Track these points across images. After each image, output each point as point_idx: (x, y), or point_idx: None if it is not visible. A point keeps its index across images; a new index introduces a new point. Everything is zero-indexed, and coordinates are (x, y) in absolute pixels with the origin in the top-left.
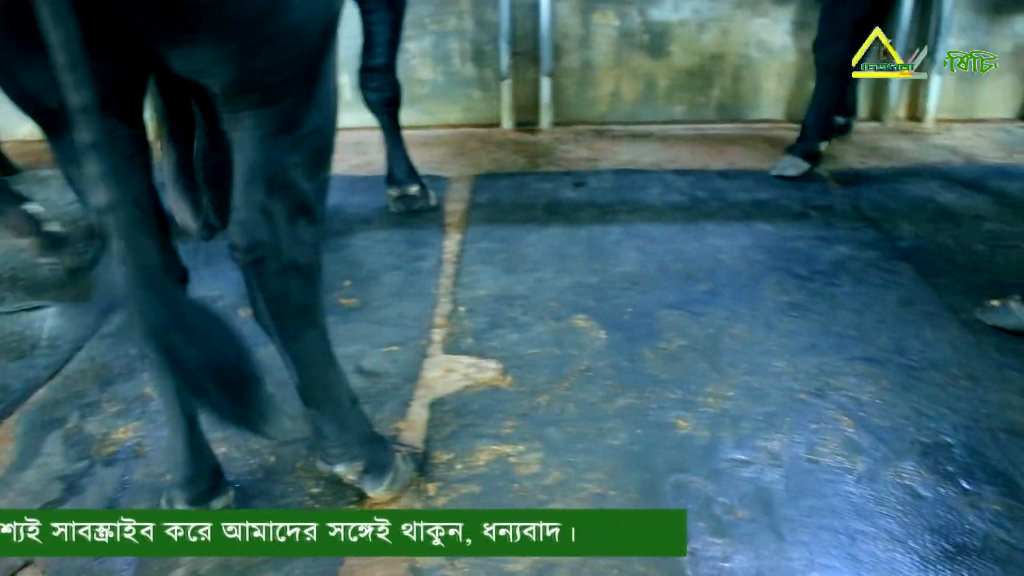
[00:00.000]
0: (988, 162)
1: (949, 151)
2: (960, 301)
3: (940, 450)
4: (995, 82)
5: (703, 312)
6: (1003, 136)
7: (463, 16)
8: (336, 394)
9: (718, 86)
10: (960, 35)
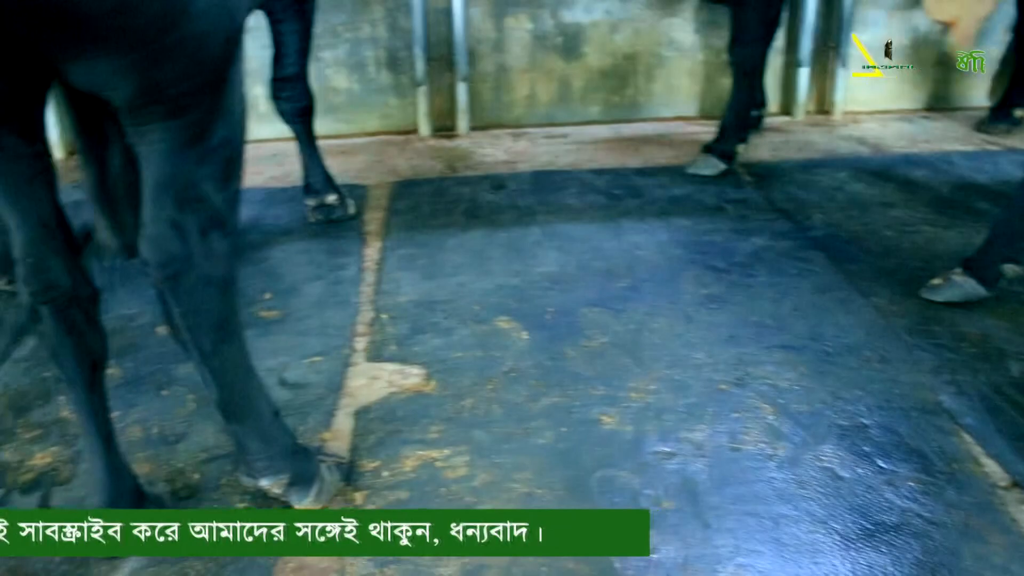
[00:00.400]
0: (894, 151)
1: (857, 142)
2: (871, 286)
3: (857, 432)
4: (898, 74)
5: (624, 308)
6: (907, 126)
7: (377, 24)
8: (257, 407)
9: (632, 85)
10: (863, 30)
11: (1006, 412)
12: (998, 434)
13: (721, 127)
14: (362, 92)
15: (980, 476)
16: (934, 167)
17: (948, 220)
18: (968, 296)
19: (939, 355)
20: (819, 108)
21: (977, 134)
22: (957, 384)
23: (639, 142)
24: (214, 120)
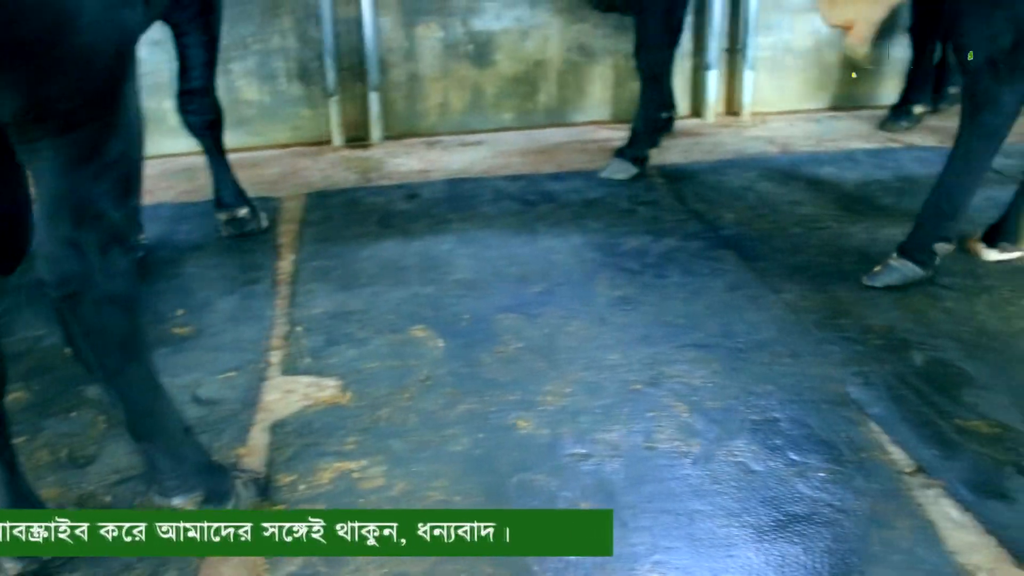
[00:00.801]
0: (801, 151)
1: (766, 142)
2: (781, 283)
3: (769, 425)
4: (803, 75)
5: (539, 313)
6: (813, 126)
7: (286, 34)
8: (167, 425)
9: (544, 91)
10: (767, 33)
11: (910, 400)
12: (903, 422)
13: (632, 132)
14: (273, 104)
15: (886, 463)
16: (839, 165)
17: (854, 216)
18: (907, 279)
19: (847, 348)
20: (728, 110)
21: (880, 132)
22: (864, 375)
23: (553, 148)
24: (109, 135)
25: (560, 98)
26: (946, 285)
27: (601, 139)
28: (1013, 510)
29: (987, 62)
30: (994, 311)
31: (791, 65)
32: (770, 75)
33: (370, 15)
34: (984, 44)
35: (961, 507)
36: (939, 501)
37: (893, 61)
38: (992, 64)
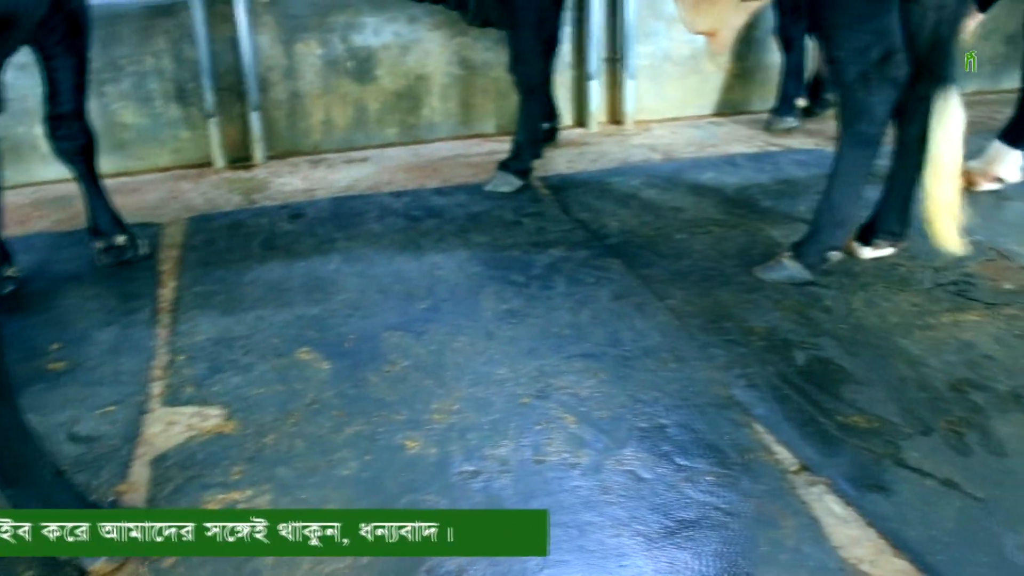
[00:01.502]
0: (684, 157)
1: (649, 149)
2: (666, 289)
3: (656, 432)
4: (683, 82)
5: (425, 330)
6: (695, 132)
7: (160, 55)
8: (35, 469)
9: (428, 106)
10: (646, 42)
11: (793, 400)
12: (787, 421)
13: (514, 144)
14: (151, 126)
15: (772, 463)
16: (721, 169)
17: (735, 219)
18: (793, 279)
19: (730, 350)
20: (612, 119)
21: (760, 136)
22: (748, 377)
23: (438, 162)
24: None
25: (444, 112)
26: (825, 284)
27: (486, 152)
28: (891, 501)
29: (859, 75)
30: (870, 308)
31: (671, 73)
32: (651, 83)
33: (247, 33)
34: (855, 58)
35: (844, 502)
36: (823, 498)
37: (768, 66)
38: (864, 77)
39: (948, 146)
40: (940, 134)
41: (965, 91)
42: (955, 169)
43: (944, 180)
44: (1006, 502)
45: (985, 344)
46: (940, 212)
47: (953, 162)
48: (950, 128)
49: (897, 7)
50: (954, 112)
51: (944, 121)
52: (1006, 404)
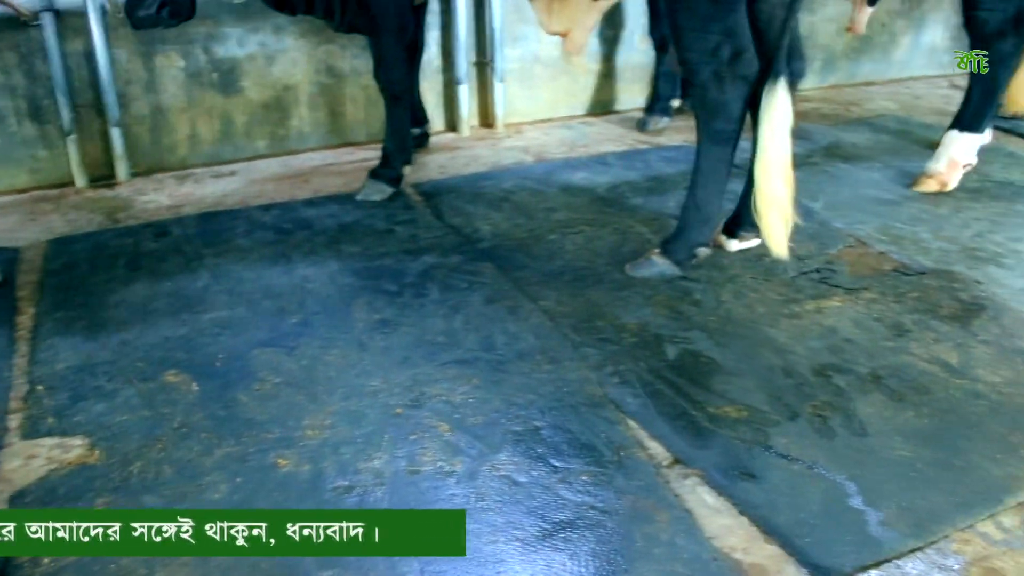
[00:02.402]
0: (555, 158)
1: (521, 151)
2: (539, 290)
3: (531, 435)
4: (553, 84)
5: (296, 345)
6: (566, 133)
7: (10, 71)
8: None
9: (296, 116)
10: (514, 45)
11: (665, 394)
12: (659, 416)
13: (384, 152)
14: (5, 146)
15: (645, 459)
16: (592, 169)
17: (606, 218)
18: (663, 275)
19: (603, 349)
20: (483, 122)
21: (631, 134)
22: (620, 374)
23: (308, 173)
24: None
25: (313, 121)
26: (694, 278)
27: (357, 160)
28: (762, 488)
29: (712, 75)
30: (738, 299)
31: (541, 75)
32: (521, 86)
33: (103, 47)
34: (706, 58)
35: (716, 492)
36: (696, 489)
37: (636, 66)
38: (717, 76)
39: (776, 141)
40: (768, 129)
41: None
42: (784, 163)
43: (772, 174)
44: (868, 480)
45: (846, 329)
46: (769, 207)
47: (781, 157)
48: (778, 123)
49: (744, 7)
50: (782, 107)
51: (772, 116)
52: (866, 386)
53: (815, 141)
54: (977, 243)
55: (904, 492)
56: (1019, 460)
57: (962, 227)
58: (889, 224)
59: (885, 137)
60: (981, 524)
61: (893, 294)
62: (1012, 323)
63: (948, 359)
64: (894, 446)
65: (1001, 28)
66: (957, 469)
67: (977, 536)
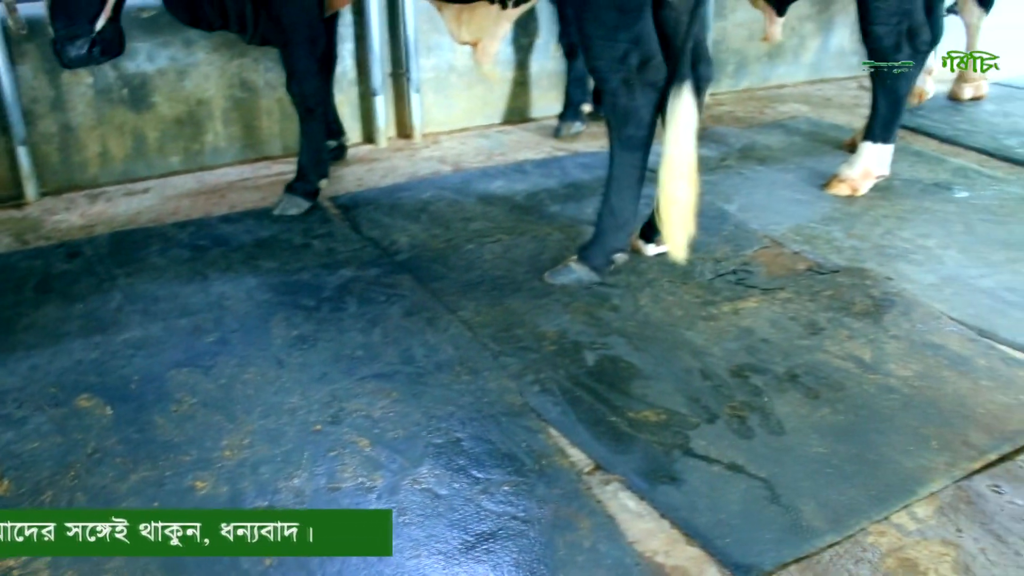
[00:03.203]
0: (472, 167)
1: (438, 161)
2: (457, 301)
3: (452, 447)
4: (469, 93)
5: (213, 364)
6: (483, 142)
7: None
8: None
9: (211, 131)
10: (428, 55)
11: (585, 401)
12: (580, 423)
13: (299, 166)
14: None
15: (567, 467)
16: (509, 177)
17: (524, 226)
18: (582, 281)
19: (523, 358)
20: (401, 133)
21: (547, 141)
22: (540, 383)
23: (224, 188)
24: None
25: (228, 136)
26: (612, 284)
27: (274, 174)
28: (682, 491)
29: (622, 82)
30: (656, 303)
31: (456, 84)
32: (437, 96)
33: (5, 64)
34: (615, 66)
35: (637, 497)
36: (618, 495)
37: (552, 73)
38: (626, 83)
39: (680, 144)
40: (673, 132)
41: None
42: (688, 166)
43: (676, 177)
44: (785, 478)
45: (763, 329)
46: (670, 208)
47: (686, 159)
48: (682, 126)
49: (650, 15)
50: (687, 111)
51: (677, 120)
52: (783, 384)
53: (730, 144)
54: (887, 240)
55: (821, 488)
56: (930, 452)
57: (873, 225)
58: (803, 224)
59: (798, 138)
60: (895, 516)
61: (808, 293)
62: (921, 317)
63: (861, 355)
64: (811, 443)
65: (897, 42)
66: (871, 463)
67: (892, 527)
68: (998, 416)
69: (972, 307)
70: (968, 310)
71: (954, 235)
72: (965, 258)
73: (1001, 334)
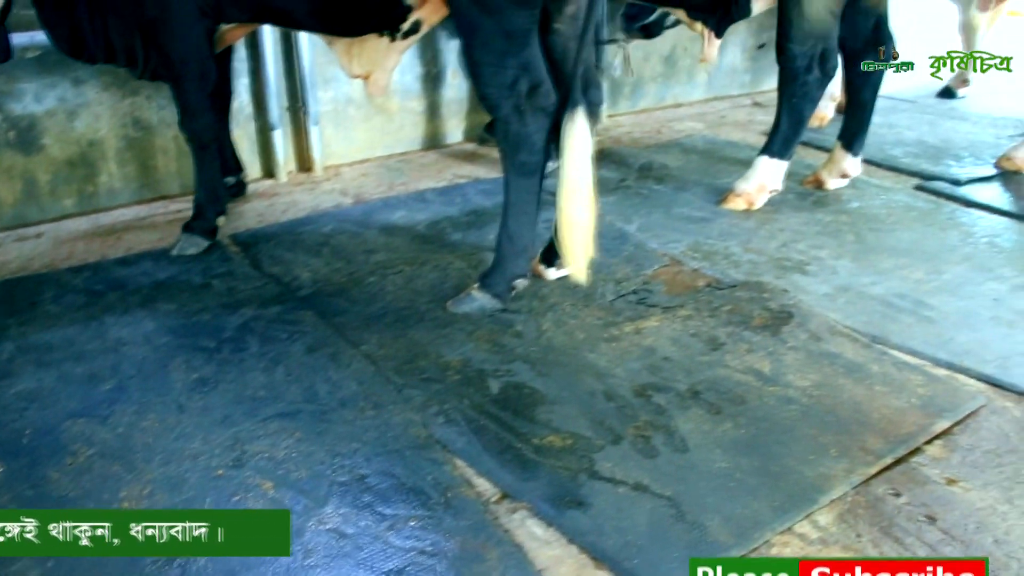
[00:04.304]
0: (374, 198)
1: (340, 194)
2: (360, 335)
3: (357, 484)
4: (369, 124)
5: (111, 412)
6: (385, 172)
7: None
8: None
9: (104, 171)
10: (326, 87)
11: (490, 429)
12: (485, 452)
13: (196, 204)
14: None
15: (473, 497)
16: (411, 207)
17: (426, 256)
18: (484, 309)
19: (427, 389)
20: (301, 167)
21: (449, 168)
22: (445, 413)
23: (121, 230)
24: None
25: (123, 176)
26: (515, 310)
27: (173, 213)
28: (589, 515)
29: (512, 109)
30: (559, 327)
31: (355, 116)
32: (337, 128)
33: None
34: (505, 93)
35: (544, 524)
36: (525, 523)
37: (451, 100)
38: (517, 110)
39: (577, 167)
40: (569, 156)
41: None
42: (585, 189)
43: (574, 199)
44: (690, 495)
45: (664, 347)
46: (570, 231)
47: (583, 182)
48: (578, 150)
49: (537, 40)
50: (581, 134)
51: (572, 143)
52: (685, 402)
53: (628, 164)
54: (783, 253)
55: (726, 503)
56: (830, 460)
57: (768, 238)
58: (701, 241)
59: (694, 156)
60: (798, 525)
61: (708, 309)
62: (817, 328)
63: (761, 368)
64: (714, 459)
65: (809, 64)
66: (774, 475)
67: (795, 537)
68: (893, 420)
69: (864, 314)
70: (861, 317)
71: (846, 245)
72: (857, 267)
73: (892, 339)
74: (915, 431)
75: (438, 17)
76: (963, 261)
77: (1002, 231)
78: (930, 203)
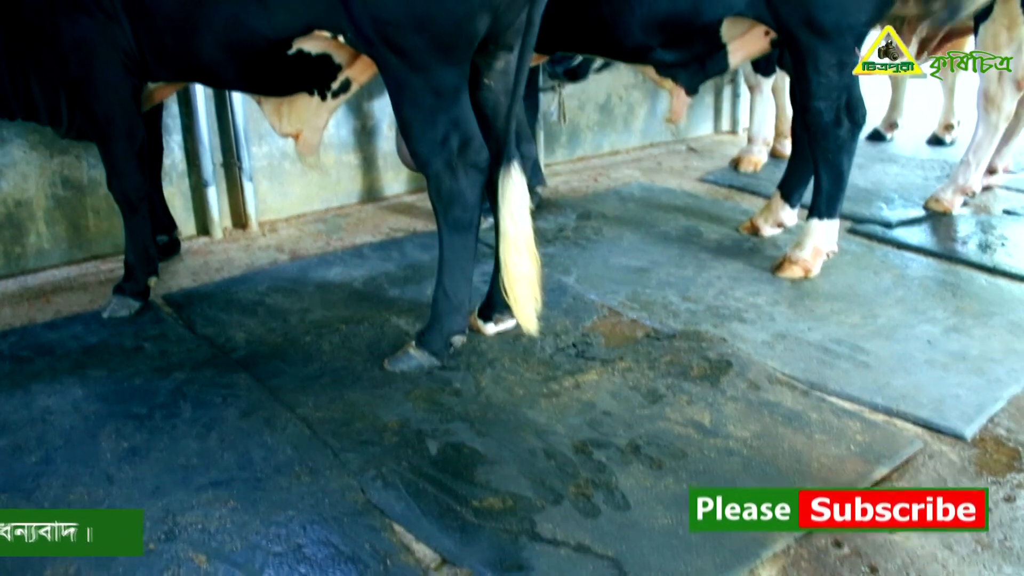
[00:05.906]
0: (310, 254)
1: (275, 250)
2: (296, 397)
3: (293, 554)
4: (304, 179)
5: (36, 487)
6: (321, 227)
7: None
8: None
9: (33, 232)
10: (260, 142)
11: (429, 493)
12: (424, 517)
13: (126, 265)
14: None
15: (412, 564)
16: (348, 263)
17: (363, 313)
18: (422, 367)
19: (364, 452)
20: (237, 223)
21: (386, 222)
22: (383, 477)
23: (50, 292)
24: None
25: (52, 237)
26: (453, 367)
27: (104, 273)
28: None
29: (444, 165)
30: (498, 384)
31: (291, 170)
32: (272, 183)
33: None
34: (436, 149)
35: None
36: None
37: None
38: (449, 166)
39: (516, 221)
40: (507, 211)
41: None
42: (527, 241)
43: (517, 253)
44: (632, 554)
45: (604, 401)
46: (516, 285)
47: (524, 235)
48: (515, 204)
49: (467, 97)
50: (518, 188)
51: (509, 198)
52: (626, 457)
53: (566, 214)
54: (720, 301)
55: (668, 561)
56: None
57: (706, 286)
58: (639, 291)
59: (631, 204)
60: None
61: (647, 360)
62: (756, 376)
63: (701, 419)
64: (656, 515)
65: (836, 117)
66: None
67: None
68: (832, 468)
69: (802, 361)
70: (799, 364)
71: (783, 291)
72: (793, 313)
73: (830, 386)
74: (854, 479)
75: (368, 76)
76: (896, 304)
77: (932, 273)
78: (863, 246)
